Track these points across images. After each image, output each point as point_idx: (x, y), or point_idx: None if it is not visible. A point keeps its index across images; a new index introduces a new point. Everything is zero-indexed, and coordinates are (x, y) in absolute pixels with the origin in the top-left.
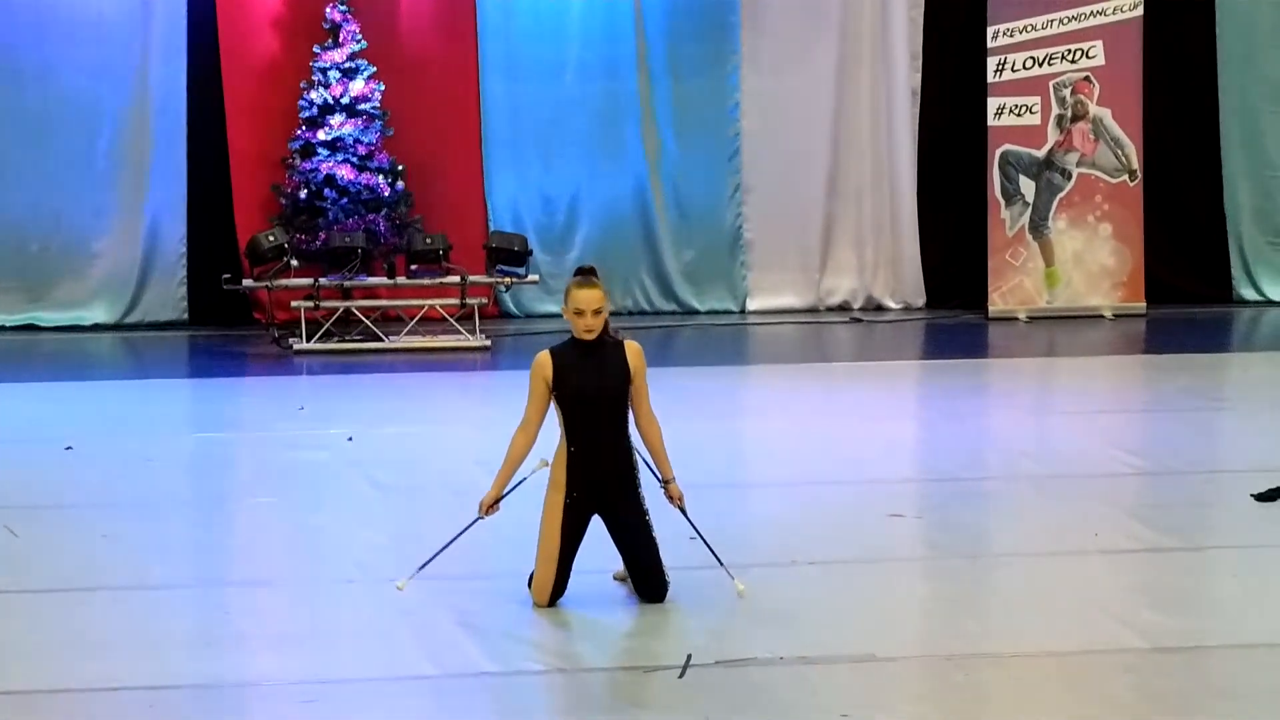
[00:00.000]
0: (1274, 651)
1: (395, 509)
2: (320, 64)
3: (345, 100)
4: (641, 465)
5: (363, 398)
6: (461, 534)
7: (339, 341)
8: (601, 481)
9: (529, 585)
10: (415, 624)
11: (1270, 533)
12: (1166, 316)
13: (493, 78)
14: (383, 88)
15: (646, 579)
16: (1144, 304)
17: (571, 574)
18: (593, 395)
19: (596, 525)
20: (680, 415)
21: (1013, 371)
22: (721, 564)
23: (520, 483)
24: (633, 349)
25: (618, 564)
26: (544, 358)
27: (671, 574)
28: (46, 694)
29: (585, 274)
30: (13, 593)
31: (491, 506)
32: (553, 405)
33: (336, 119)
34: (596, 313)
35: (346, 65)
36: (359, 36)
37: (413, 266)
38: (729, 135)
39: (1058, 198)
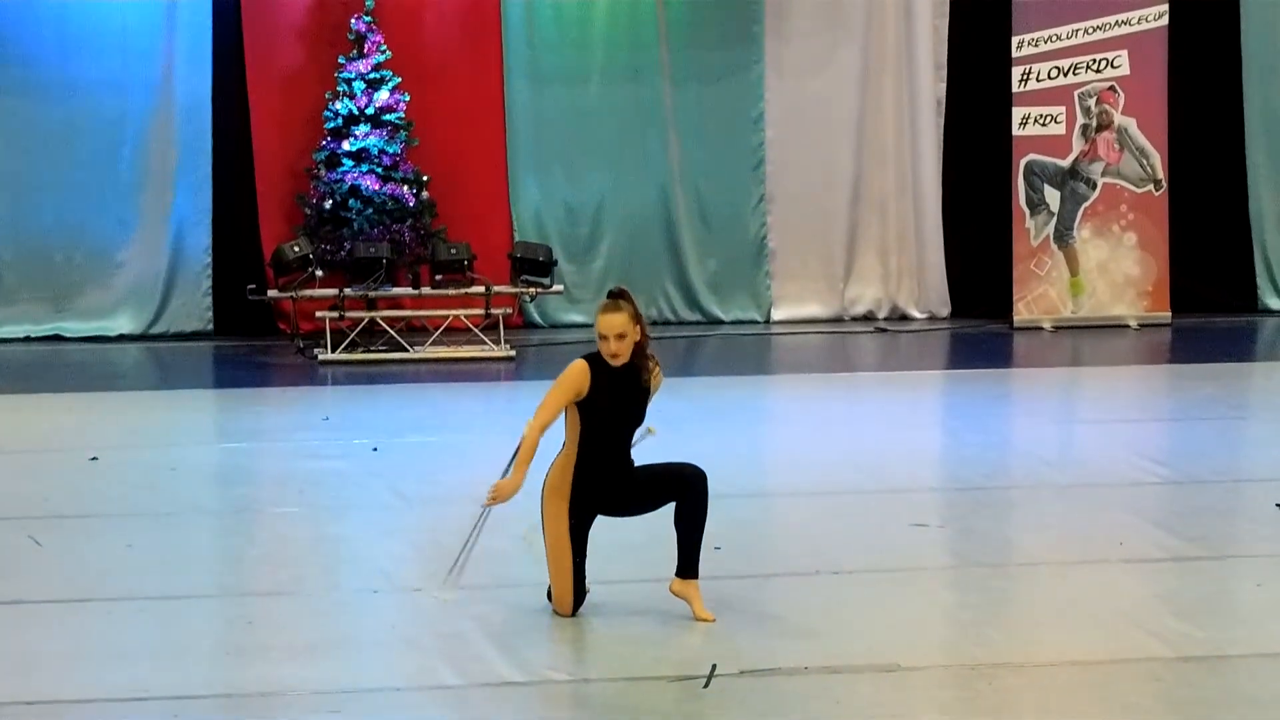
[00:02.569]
0: None
1: (419, 519)
2: (345, 74)
3: (370, 110)
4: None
5: (387, 408)
6: (479, 528)
7: (363, 352)
8: (606, 486)
9: (549, 598)
10: (439, 634)
11: None
12: (1191, 326)
13: (517, 86)
14: (407, 98)
15: (683, 485)
16: (1169, 313)
17: (595, 585)
18: (619, 419)
19: (622, 538)
20: (704, 425)
21: (1037, 381)
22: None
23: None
24: (657, 379)
25: (641, 572)
26: (583, 369)
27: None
28: (71, 704)
29: (614, 296)
30: (37, 602)
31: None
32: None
33: (361, 129)
34: (620, 337)
35: (371, 75)
36: (384, 47)
37: (437, 276)
38: (753, 144)
39: (1082, 207)
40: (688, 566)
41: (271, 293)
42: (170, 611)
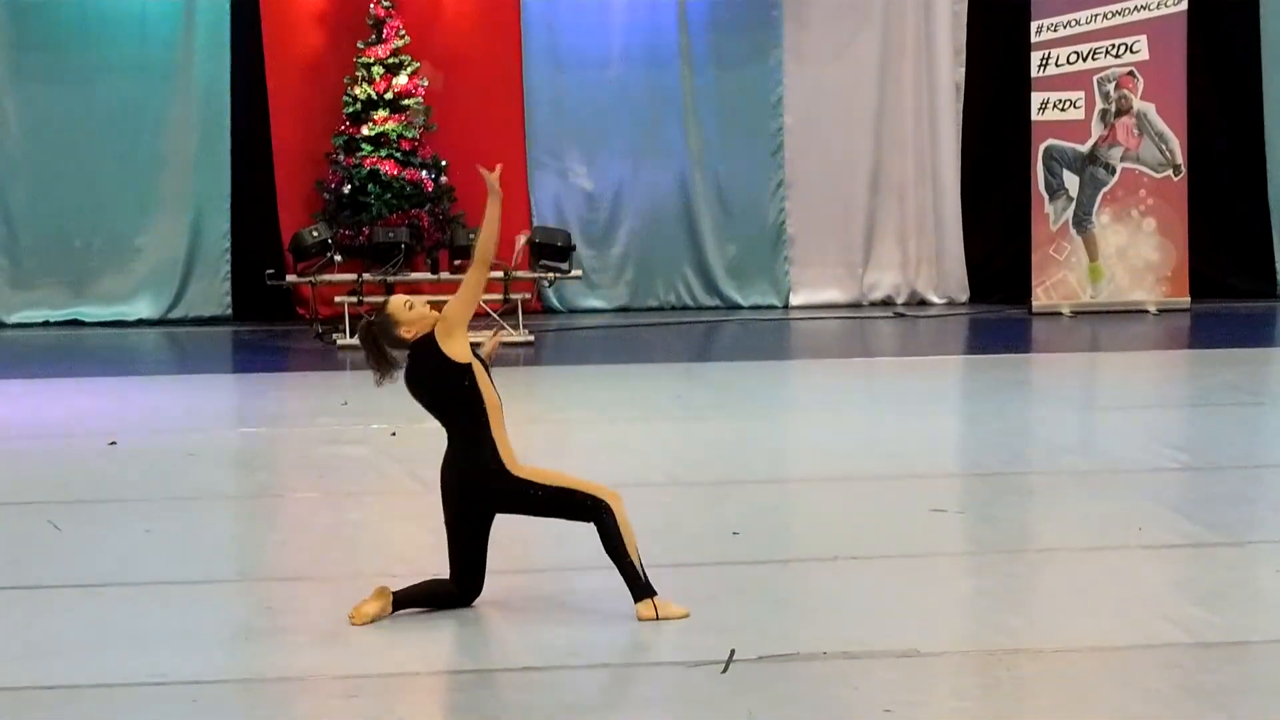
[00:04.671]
0: None
1: (437, 504)
2: (364, 59)
3: (389, 95)
4: None
5: (405, 393)
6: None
7: None
8: None
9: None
10: (457, 619)
11: None
12: (1210, 311)
13: (536, 71)
14: (426, 83)
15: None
16: (1188, 299)
17: (607, 570)
18: None
19: (639, 523)
20: (723, 410)
21: (1056, 366)
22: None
23: None
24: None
25: (659, 558)
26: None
27: (713, 569)
28: (90, 688)
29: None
30: (55, 587)
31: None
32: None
33: (380, 114)
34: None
35: (390, 60)
36: (402, 31)
37: (456, 261)
38: (772, 130)
39: (1101, 192)
40: None
41: (290, 278)
42: (189, 596)
